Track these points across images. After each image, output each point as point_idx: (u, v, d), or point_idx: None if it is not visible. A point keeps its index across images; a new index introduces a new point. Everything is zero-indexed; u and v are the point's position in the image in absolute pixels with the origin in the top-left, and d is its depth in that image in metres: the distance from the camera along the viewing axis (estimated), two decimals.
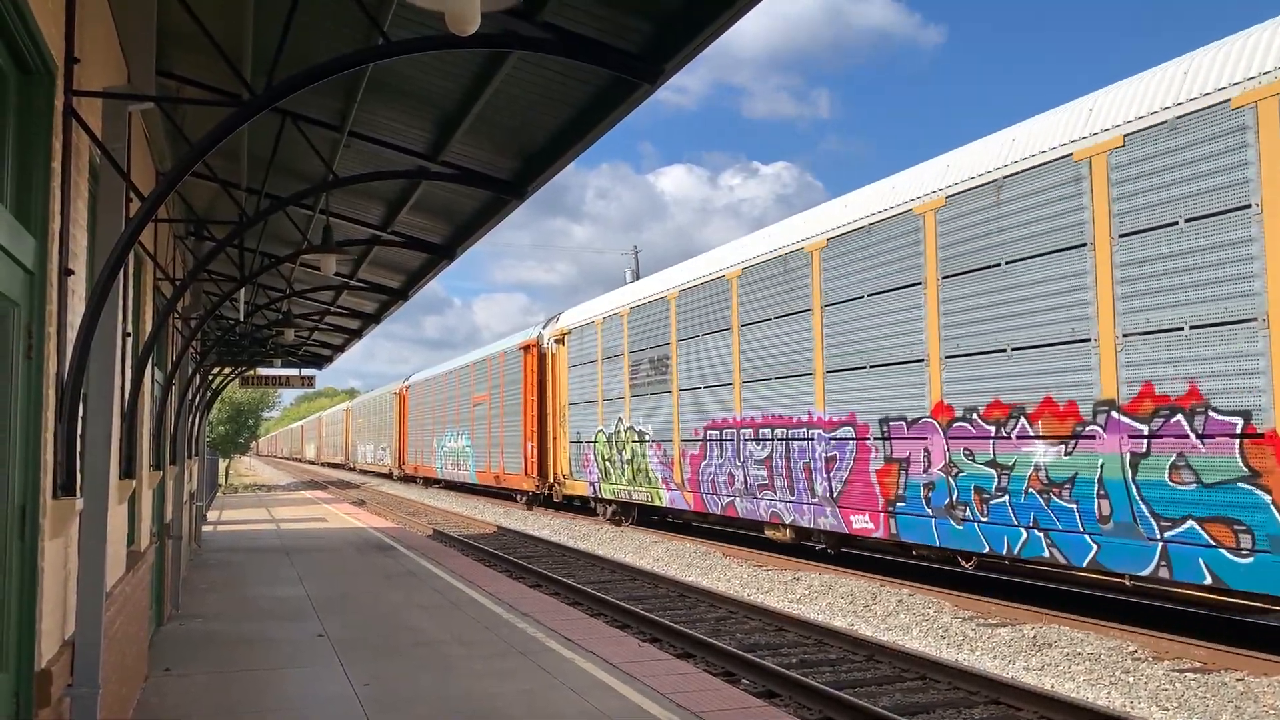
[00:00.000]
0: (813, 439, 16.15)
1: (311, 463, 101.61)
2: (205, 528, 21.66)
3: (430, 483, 47.55)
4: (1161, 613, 12.14)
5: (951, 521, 13.05)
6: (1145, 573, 10.53)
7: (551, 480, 29.08)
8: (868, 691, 9.25)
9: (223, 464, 53.48)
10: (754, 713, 7.32)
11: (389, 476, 55.86)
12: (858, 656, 10.71)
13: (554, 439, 28.79)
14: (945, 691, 9.32)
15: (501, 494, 35.86)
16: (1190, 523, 9.96)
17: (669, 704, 7.34)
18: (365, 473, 66.11)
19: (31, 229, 4.02)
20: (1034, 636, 11.15)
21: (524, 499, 32.36)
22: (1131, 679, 9.47)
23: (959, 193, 13.14)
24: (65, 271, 4.37)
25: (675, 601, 14.51)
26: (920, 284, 13.77)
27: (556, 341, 28.68)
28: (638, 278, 42.62)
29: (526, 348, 30.98)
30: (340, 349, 23.53)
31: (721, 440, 19.13)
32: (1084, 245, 11.22)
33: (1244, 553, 9.46)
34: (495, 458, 34.38)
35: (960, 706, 8.85)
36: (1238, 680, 9.25)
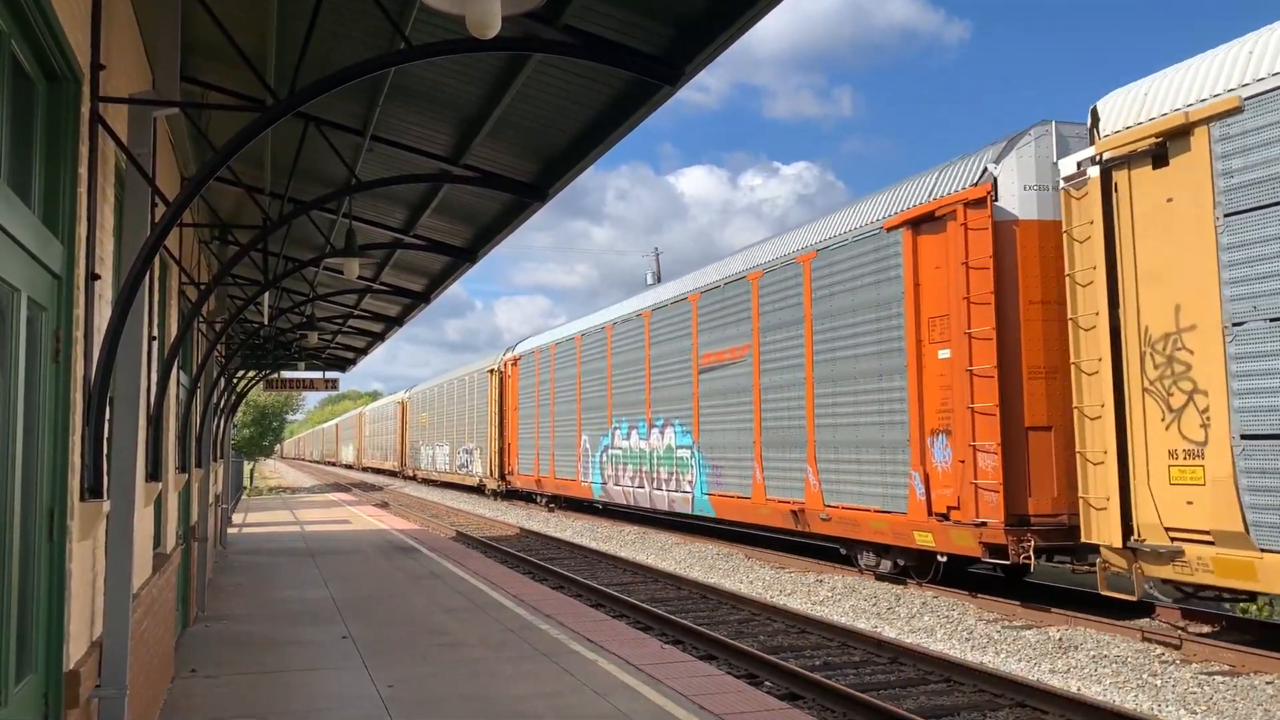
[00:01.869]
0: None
1: (349, 468, 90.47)
2: (230, 530, 21.82)
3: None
4: (1189, 614, 12.01)
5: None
6: None
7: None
8: (891, 694, 9.21)
9: (247, 467, 53.81)
10: (777, 715, 7.29)
11: (480, 491, 41.96)
12: (881, 659, 10.66)
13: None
14: (970, 694, 9.26)
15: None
16: None
17: (692, 706, 7.33)
18: (436, 483, 51.12)
19: (59, 234, 4.06)
20: (1060, 639, 11.06)
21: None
22: (1159, 682, 9.37)
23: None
24: (92, 276, 4.41)
25: (698, 603, 14.49)
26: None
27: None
28: (659, 280, 42.64)
29: (491, 370, 39.81)
30: (363, 352, 23.63)
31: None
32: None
33: None
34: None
35: (985, 710, 8.80)
36: (1267, 683, 9.14)
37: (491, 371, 39.86)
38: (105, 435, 4.59)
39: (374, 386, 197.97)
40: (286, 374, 28.38)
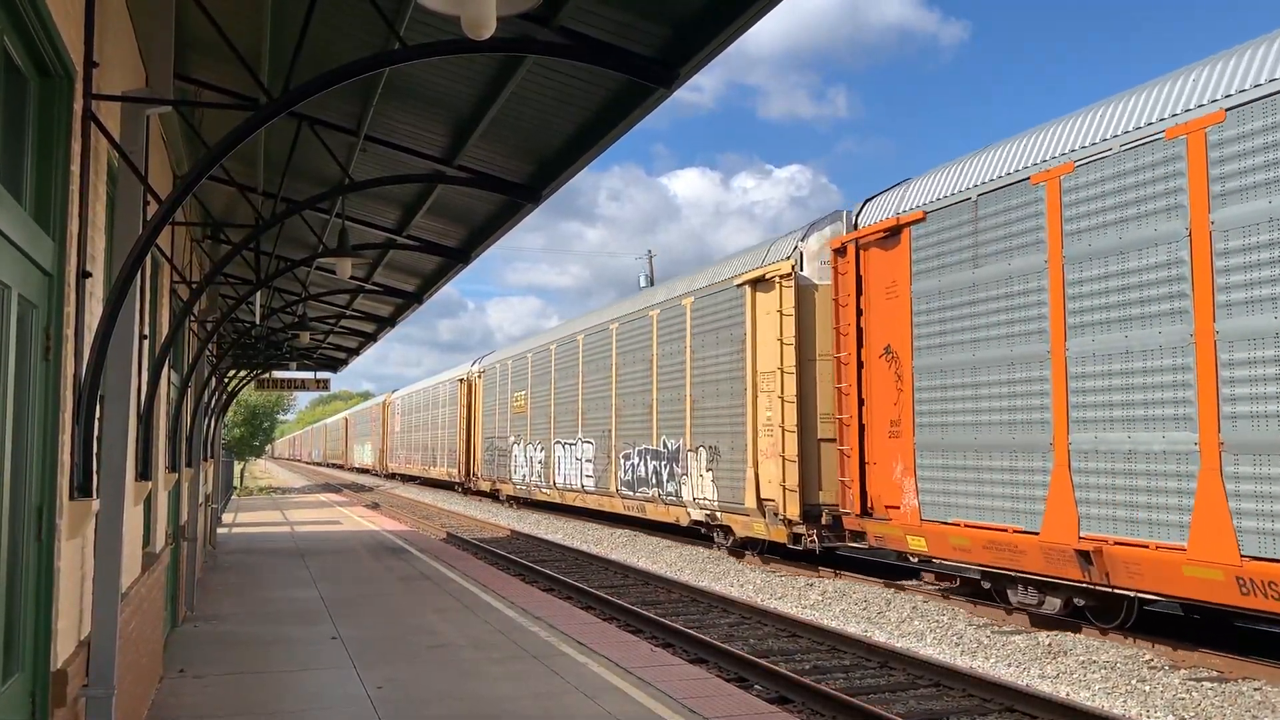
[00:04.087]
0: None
1: (366, 472, 72.97)
2: (220, 530, 21.76)
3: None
4: (1176, 621, 12.04)
5: None
6: None
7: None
8: (881, 698, 9.21)
9: (238, 466, 53.67)
10: (766, 718, 7.30)
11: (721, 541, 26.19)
12: (871, 663, 10.67)
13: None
14: (959, 699, 9.28)
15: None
16: None
17: (681, 709, 7.32)
18: (554, 509, 31.81)
19: (50, 231, 4.04)
20: (1049, 644, 11.09)
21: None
22: (1148, 688, 9.40)
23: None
24: (83, 274, 4.40)
25: (688, 606, 14.49)
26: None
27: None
28: (652, 283, 42.67)
29: (461, 380, 42.02)
30: (355, 352, 23.60)
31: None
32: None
33: None
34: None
35: (974, 714, 8.81)
36: (1255, 689, 9.17)
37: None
38: (95, 434, 4.57)
39: (365, 387, 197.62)
40: (278, 374, 28.35)
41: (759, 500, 17.51)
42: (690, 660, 10.36)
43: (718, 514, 19.35)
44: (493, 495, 38.17)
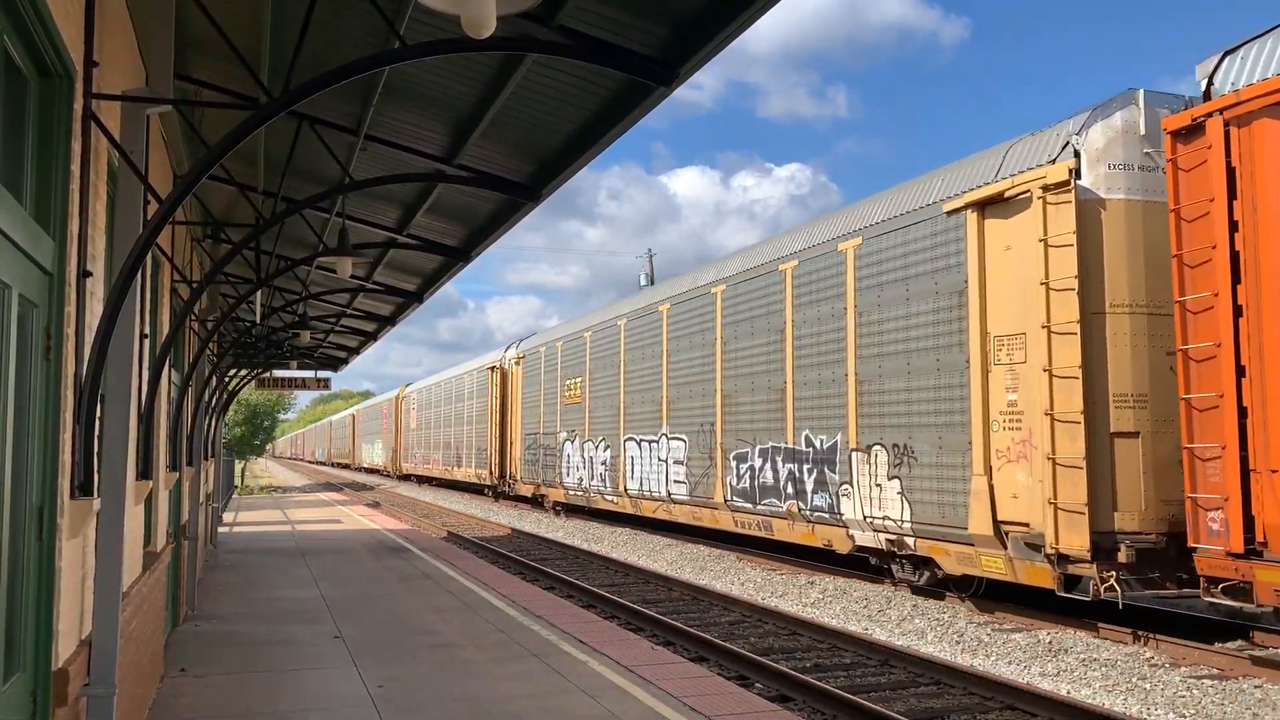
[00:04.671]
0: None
1: (376, 472, 67.79)
2: (221, 529, 21.76)
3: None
4: (1177, 619, 12.05)
5: None
6: None
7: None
8: (882, 696, 9.22)
9: (238, 466, 53.69)
10: (767, 716, 7.30)
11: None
12: (872, 661, 10.68)
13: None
14: (960, 697, 9.28)
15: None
16: None
17: (682, 707, 7.33)
18: (622, 521, 27.04)
19: (50, 231, 4.05)
20: (1050, 642, 11.09)
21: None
22: (1148, 685, 9.40)
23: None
24: (83, 273, 4.40)
25: (689, 605, 14.49)
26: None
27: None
28: (652, 282, 42.65)
29: (493, 367, 36.49)
30: (356, 351, 23.60)
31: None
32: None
33: None
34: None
35: (975, 712, 8.82)
36: (1256, 687, 9.18)
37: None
38: (96, 433, 4.57)
39: (366, 386, 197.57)
40: (278, 373, 28.35)
41: (995, 523, 12.00)
42: (691, 659, 10.36)
43: (909, 540, 13.78)
44: (534, 501, 32.43)
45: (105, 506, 4.90)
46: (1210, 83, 10.18)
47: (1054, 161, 11.62)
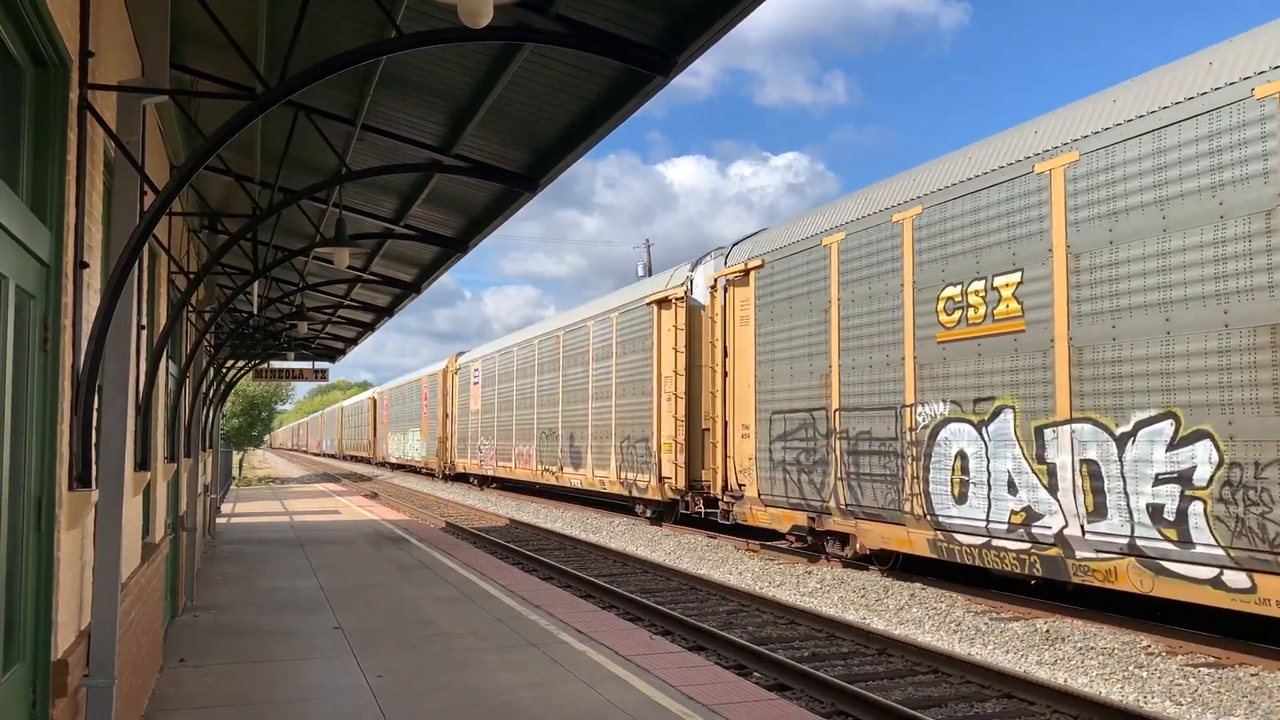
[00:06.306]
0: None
1: (411, 469, 55.29)
2: (219, 520, 21.78)
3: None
4: (1173, 608, 12.08)
5: None
6: None
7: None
8: (880, 685, 9.25)
9: (236, 457, 53.68)
10: (765, 706, 7.32)
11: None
12: (870, 650, 10.71)
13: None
14: (958, 685, 9.31)
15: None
16: None
17: (680, 696, 7.35)
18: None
19: (47, 222, 4.04)
20: (1047, 631, 11.13)
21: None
22: (1145, 674, 9.44)
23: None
24: (80, 264, 4.39)
25: (687, 595, 14.52)
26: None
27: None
28: (650, 273, 42.61)
29: (663, 300, 23.08)
30: (353, 342, 23.58)
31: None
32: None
33: None
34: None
35: (972, 700, 8.84)
36: (1252, 675, 9.21)
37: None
38: (94, 424, 4.57)
39: (363, 377, 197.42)
40: (276, 364, 28.32)
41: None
42: (689, 648, 10.39)
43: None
44: (808, 544, 16.92)
45: (103, 497, 4.90)
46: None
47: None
